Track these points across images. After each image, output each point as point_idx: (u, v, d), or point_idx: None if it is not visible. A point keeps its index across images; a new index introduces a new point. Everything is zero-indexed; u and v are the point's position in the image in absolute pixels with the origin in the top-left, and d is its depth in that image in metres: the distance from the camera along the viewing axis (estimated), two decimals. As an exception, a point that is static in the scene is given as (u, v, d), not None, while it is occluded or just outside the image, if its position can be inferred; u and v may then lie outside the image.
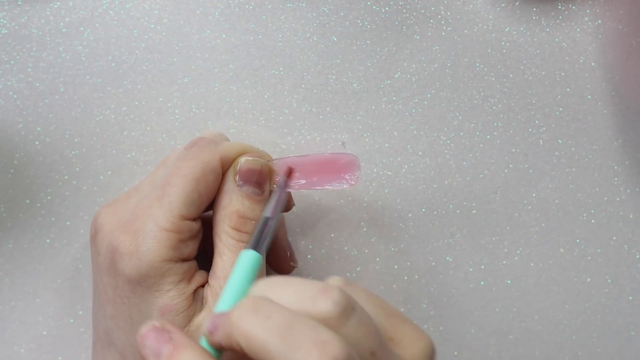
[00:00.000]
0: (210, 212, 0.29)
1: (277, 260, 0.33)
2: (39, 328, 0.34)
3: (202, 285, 0.28)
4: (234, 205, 0.28)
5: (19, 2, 0.37)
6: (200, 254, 0.29)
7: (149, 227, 0.26)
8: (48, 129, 0.36)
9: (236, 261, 0.24)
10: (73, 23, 0.37)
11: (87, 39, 0.36)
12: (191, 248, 0.28)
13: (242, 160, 0.29)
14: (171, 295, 0.26)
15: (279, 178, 0.30)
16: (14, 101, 0.36)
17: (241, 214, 0.28)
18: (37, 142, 0.35)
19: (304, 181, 0.30)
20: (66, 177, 0.35)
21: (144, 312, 0.26)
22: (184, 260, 0.27)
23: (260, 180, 0.29)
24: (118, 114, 0.36)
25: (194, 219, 0.28)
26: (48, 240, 0.35)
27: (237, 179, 0.28)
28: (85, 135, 0.36)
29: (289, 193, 0.32)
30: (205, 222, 0.29)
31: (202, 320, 0.27)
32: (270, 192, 0.30)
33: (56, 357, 0.34)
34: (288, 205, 0.32)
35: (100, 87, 0.36)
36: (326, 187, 0.31)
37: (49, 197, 0.35)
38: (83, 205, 0.35)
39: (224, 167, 0.28)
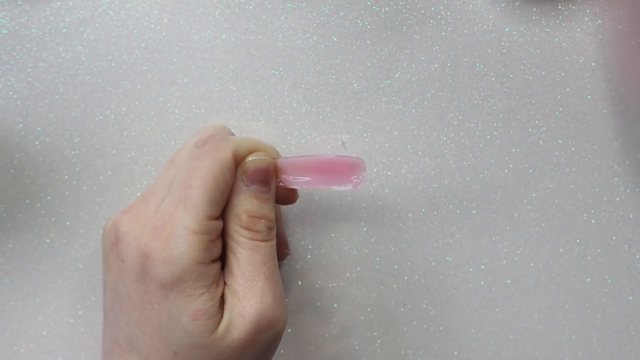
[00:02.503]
0: None
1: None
2: (39, 328, 0.34)
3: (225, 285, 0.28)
4: (244, 205, 0.28)
5: (19, 2, 0.37)
6: None
7: (179, 231, 0.26)
8: (48, 129, 0.36)
9: None
10: (73, 23, 0.37)
11: (87, 39, 0.36)
12: (219, 247, 0.28)
13: (249, 160, 0.29)
14: (204, 299, 0.26)
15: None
16: (14, 101, 0.36)
17: (251, 214, 0.28)
18: (37, 142, 0.35)
19: (308, 178, 0.30)
20: (66, 177, 0.35)
21: (174, 317, 0.26)
22: (214, 261, 0.27)
23: (267, 179, 0.29)
24: (118, 114, 0.36)
25: (218, 217, 0.28)
26: (48, 240, 0.35)
27: (244, 178, 0.28)
28: (85, 135, 0.36)
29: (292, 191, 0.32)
30: None
31: (229, 323, 0.26)
32: (277, 188, 0.30)
33: (56, 357, 0.34)
34: (292, 197, 0.32)
35: (100, 87, 0.36)
36: (330, 187, 0.31)
37: (49, 197, 0.35)
38: (83, 205, 0.35)
39: (236, 164, 0.29)
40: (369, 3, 0.38)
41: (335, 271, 0.35)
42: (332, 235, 0.36)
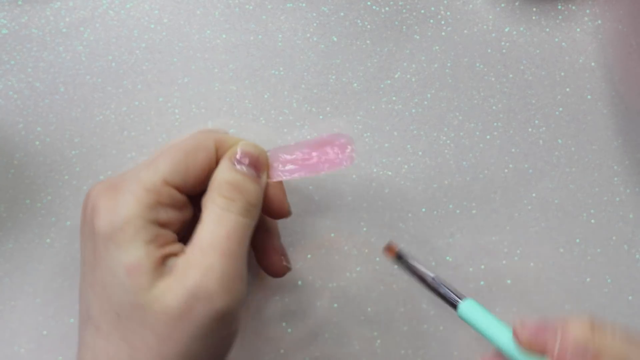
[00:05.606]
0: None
1: (271, 262, 0.32)
2: (39, 328, 0.34)
3: (175, 255, 0.27)
4: (226, 176, 0.28)
5: (19, 2, 0.37)
6: None
7: (131, 186, 0.27)
8: (48, 129, 0.36)
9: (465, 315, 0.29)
10: (73, 23, 0.37)
11: (87, 39, 0.36)
12: (170, 216, 0.27)
13: (241, 143, 0.29)
14: (139, 254, 0.26)
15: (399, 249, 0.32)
16: (14, 101, 0.36)
17: (230, 182, 0.28)
18: (37, 142, 0.35)
19: (293, 166, 0.30)
20: (66, 177, 0.35)
21: (113, 271, 0.26)
22: (161, 225, 0.27)
23: (257, 164, 0.29)
24: (118, 114, 0.36)
25: (179, 190, 0.28)
26: (48, 240, 0.35)
27: (233, 157, 0.29)
28: (85, 135, 0.36)
29: (283, 203, 0.31)
30: None
31: (167, 287, 0.26)
32: (267, 184, 0.30)
33: (56, 357, 0.34)
34: (284, 211, 0.31)
35: (100, 87, 0.36)
36: (321, 172, 0.30)
37: (49, 197, 0.35)
38: (83, 205, 0.35)
39: (219, 152, 0.29)
40: (369, 3, 0.38)
41: (335, 271, 0.35)
42: (332, 235, 0.36)
